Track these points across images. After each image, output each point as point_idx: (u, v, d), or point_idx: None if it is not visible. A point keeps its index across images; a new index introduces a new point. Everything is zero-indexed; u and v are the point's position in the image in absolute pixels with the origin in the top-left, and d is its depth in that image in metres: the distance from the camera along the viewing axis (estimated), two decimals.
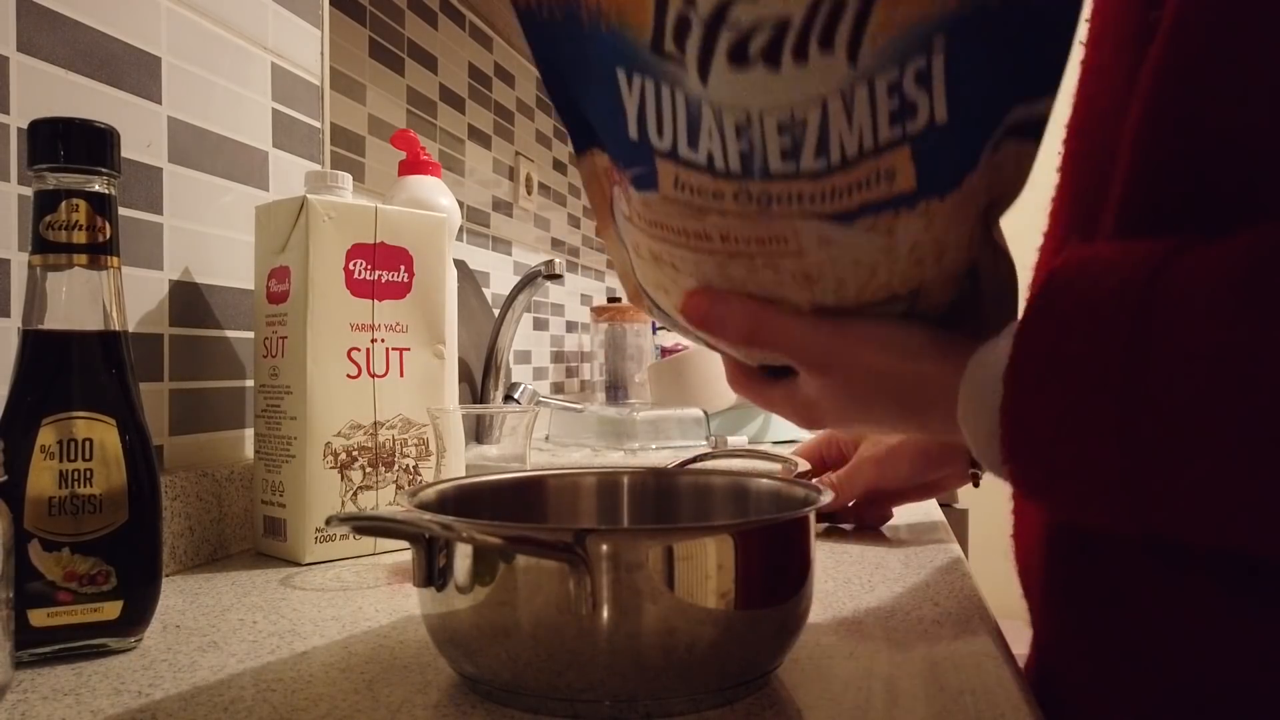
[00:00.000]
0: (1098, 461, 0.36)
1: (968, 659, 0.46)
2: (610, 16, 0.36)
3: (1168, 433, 0.34)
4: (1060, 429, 0.37)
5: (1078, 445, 0.36)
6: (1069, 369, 0.37)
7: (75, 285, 0.47)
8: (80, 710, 0.40)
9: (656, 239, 0.43)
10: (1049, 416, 0.37)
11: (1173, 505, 0.35)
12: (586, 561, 0.37)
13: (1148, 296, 0.35)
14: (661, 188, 0.40)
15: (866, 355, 0.44)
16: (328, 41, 0.87)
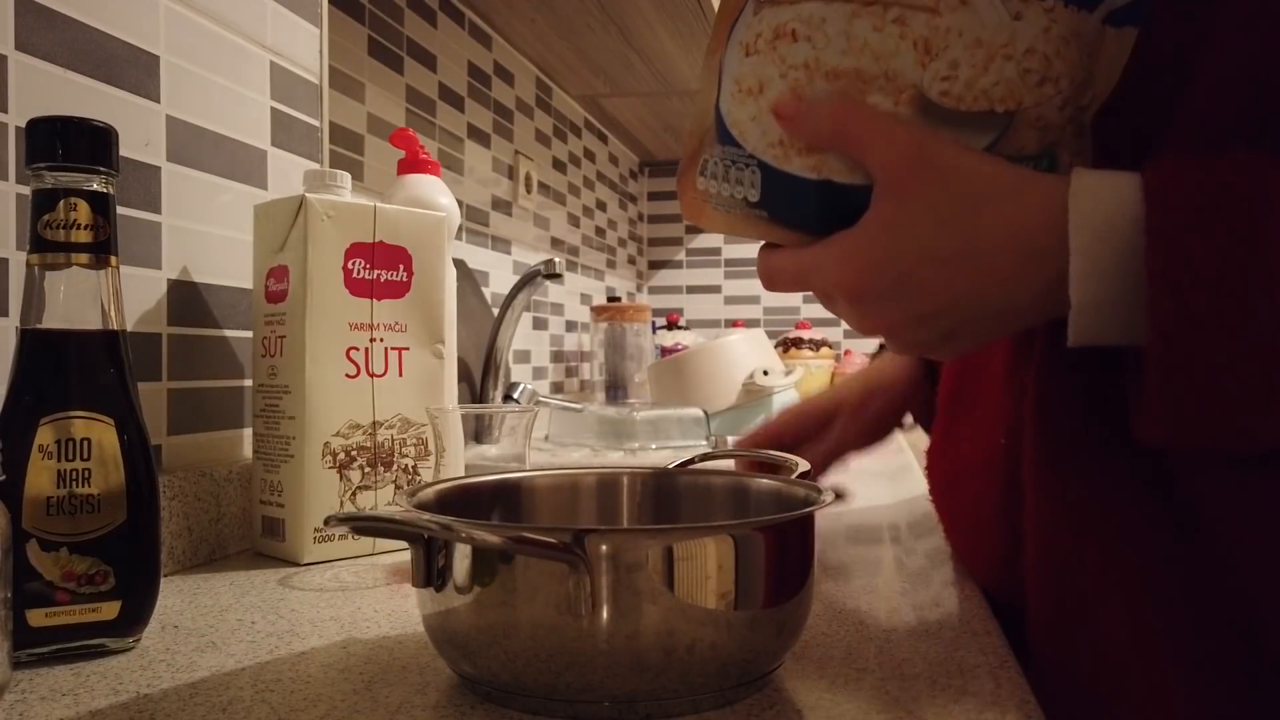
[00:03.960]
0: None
1: (968, 659, 0.46)
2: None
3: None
4: (1228, 259, 0.36)
5: (1250, 276, 0.36)
6: (1238, 200, 0.36)
7: (74, 284, 0.46)
8: (79, 710, 0.40)
9: (794, 1, 0.44)
10: (1215, 246, 0.36)
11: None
12: (586, 562, 0.37)
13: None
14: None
15: (952, 154, 0.42)
16: (327, 40, 0.86)
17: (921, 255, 0.43)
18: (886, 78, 0.43)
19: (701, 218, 0.50)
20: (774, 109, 0.45)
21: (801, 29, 0.44)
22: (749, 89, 0.46)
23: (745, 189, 0.47)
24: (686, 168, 0.50)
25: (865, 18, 0.43)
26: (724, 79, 0.48)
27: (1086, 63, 0.43)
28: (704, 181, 0.49)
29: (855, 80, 0.43)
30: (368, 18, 1.34)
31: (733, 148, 0.47)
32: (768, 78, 0.45)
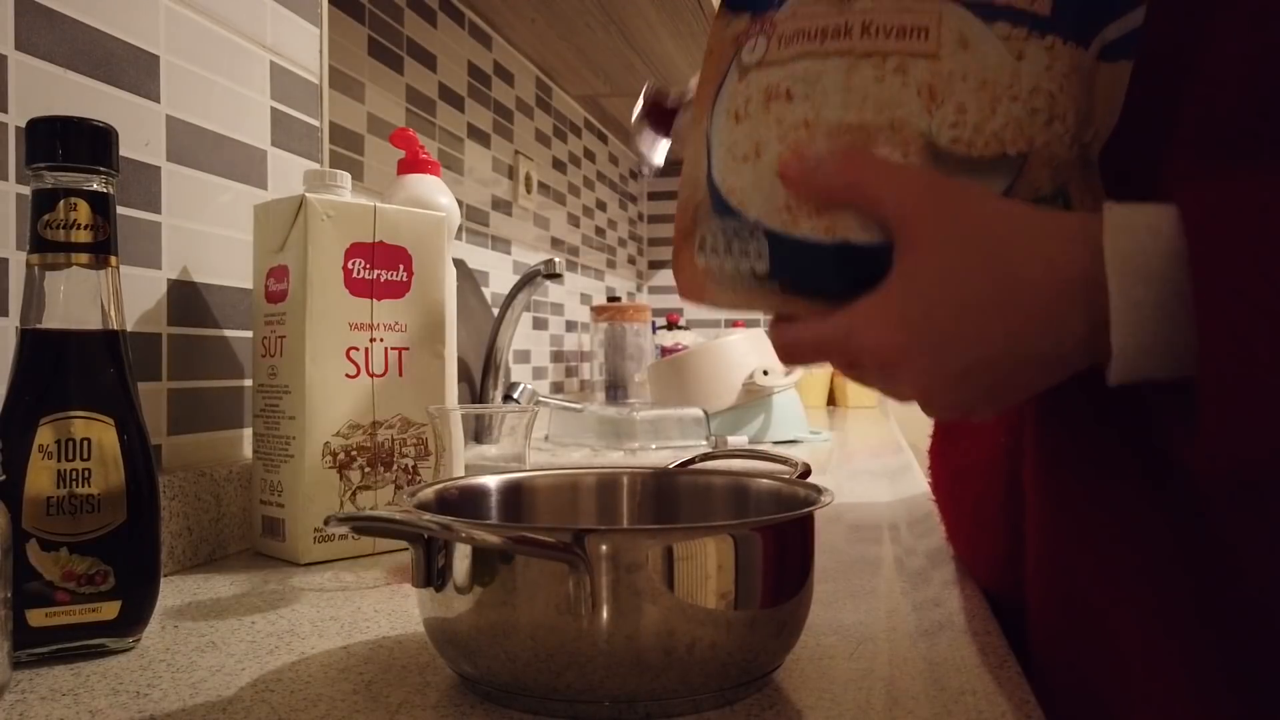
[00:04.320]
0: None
1: (968, 659, 0.46)
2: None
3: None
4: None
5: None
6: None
7: (74, 284, 0.46)
8: (78, 710, 0.40)
9: (783, 61, 0.43)
10: (1263, 274, 0.35)
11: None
12: (586, 562, 0.37)
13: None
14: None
15: (973, 199, 0.40)
16: (326, 40, 0.86)
17: (955, 306, 0.40)
18: (893, 128, 0.41)
19: (705, 296, 0.47)
20: (778, 171, 0.42)
21: (796, 88, 0.42)
22: (744, 155, 0.44)
23: (752, 260, 0.44)
24: (681, 246, 0.47)
25: (864, 69, 0.41)
26: (713, 150, 0.46)
27: (1087, 98, 0.42)
28: (704, 258, 0.46)
29: (860, 134, 0.41)
30: (368, 18, 1.34)
31: (733, 219, 0.44)
32: (764, 141, 0.43)
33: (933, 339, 0.41)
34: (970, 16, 0.40)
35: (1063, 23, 0.41)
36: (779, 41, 0.43)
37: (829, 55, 0.42)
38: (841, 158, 0.41)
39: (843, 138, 0.41)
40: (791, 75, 0.42)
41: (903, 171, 0.41)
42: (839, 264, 0.43)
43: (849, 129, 0.41)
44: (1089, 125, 0.42)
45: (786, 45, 0.43)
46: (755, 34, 0.45)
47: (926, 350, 0.41)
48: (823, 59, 0.42)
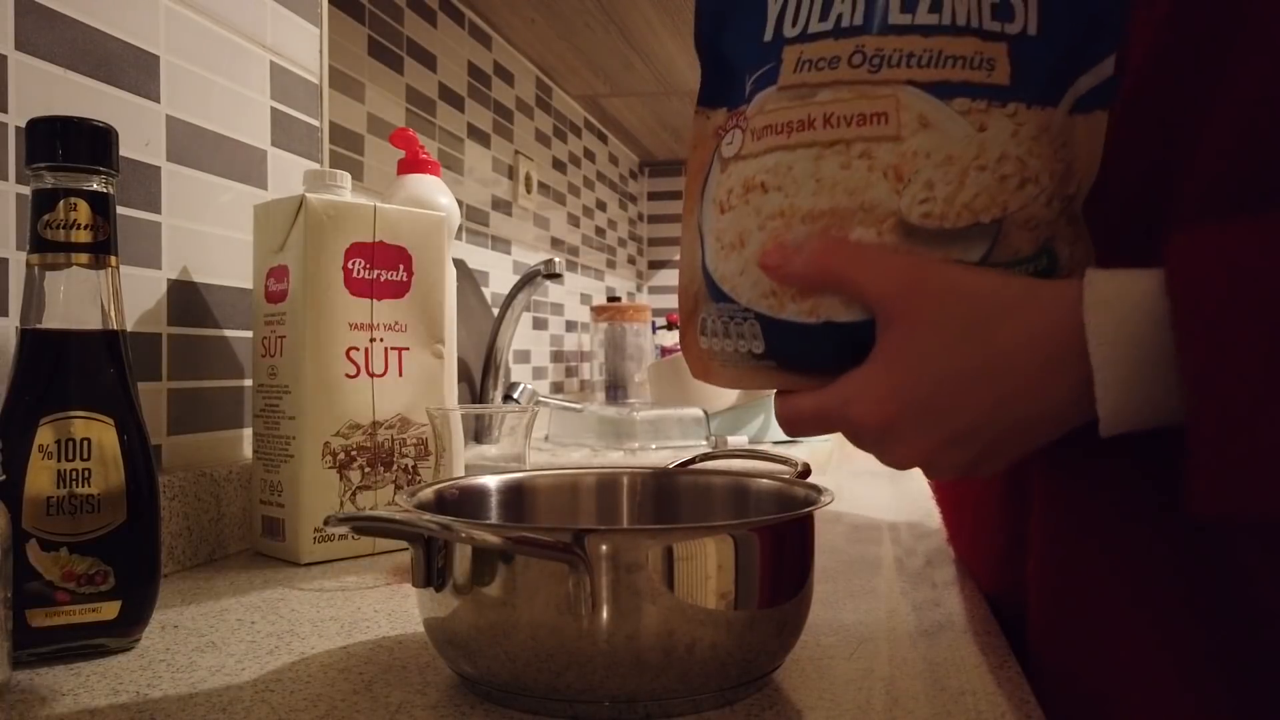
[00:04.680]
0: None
1: (968, 659, 0.46)
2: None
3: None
4: (1266, 351, 0.35)
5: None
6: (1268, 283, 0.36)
7: (74, 284, 0.46)
8: (78, 710, 0.40)
9: (756, 154, 0.45)
10: (1249, 339, 0.36)
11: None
12: (587, 562, 0.37)
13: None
14: (782, 76, 0.44)
15: (948, 274, 0.42)
16: (326, 40, 0.86)
17: (940, 378, 0.42)
18: (864, 210, 0.42)
19: (711, 376, 0.49)
20: (759, 262, 0.44)
21: (770, 179, 0.44)
22: (731, 244, 0.46)
23: (748, 342, 0.46)
24: (686, 328, 0.50)
25: (830, 157, 0.43)
26: (705, 238, 0.48)
27: (1063, 154, 0.42)
28: (706, 340, 0.48)
29: (833, 219, 0.43)
30: (368, 18, 1.34)
31: (727, 304, 0.46)
32: (747, 230, 0.45)
33: (921, 410, 0.42)
34: (927, 96, 0.42)
35: (1024, 88, 0.41)
36: (752, 135, 0.45)
37: (797, 147, 0.43)
38: (815, 247, 0.42)
39: (817, 224, 0.43)
40: (764, 168, 0.44)
41: (875, 255, 0.42)
42: (826, 342, 0.44)
43: (822, 215, 0.43)
44: (1069, 180, 0.43)
45: (758, 139, 0.45)
46: (732, 127, 0.47)
47: (916, 421, 0.42)
48: (791, 151, 0.43)
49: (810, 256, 0.42)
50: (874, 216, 0.42)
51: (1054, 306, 0.40)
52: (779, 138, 0.44)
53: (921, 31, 0.42)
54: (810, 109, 0.43)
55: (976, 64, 0.41)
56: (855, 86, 0.42)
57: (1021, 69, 0.41)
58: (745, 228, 0.45)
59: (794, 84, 0.44)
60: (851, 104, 0.42)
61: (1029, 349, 0.41)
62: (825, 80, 0.43)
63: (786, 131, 0.44)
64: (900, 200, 0.42)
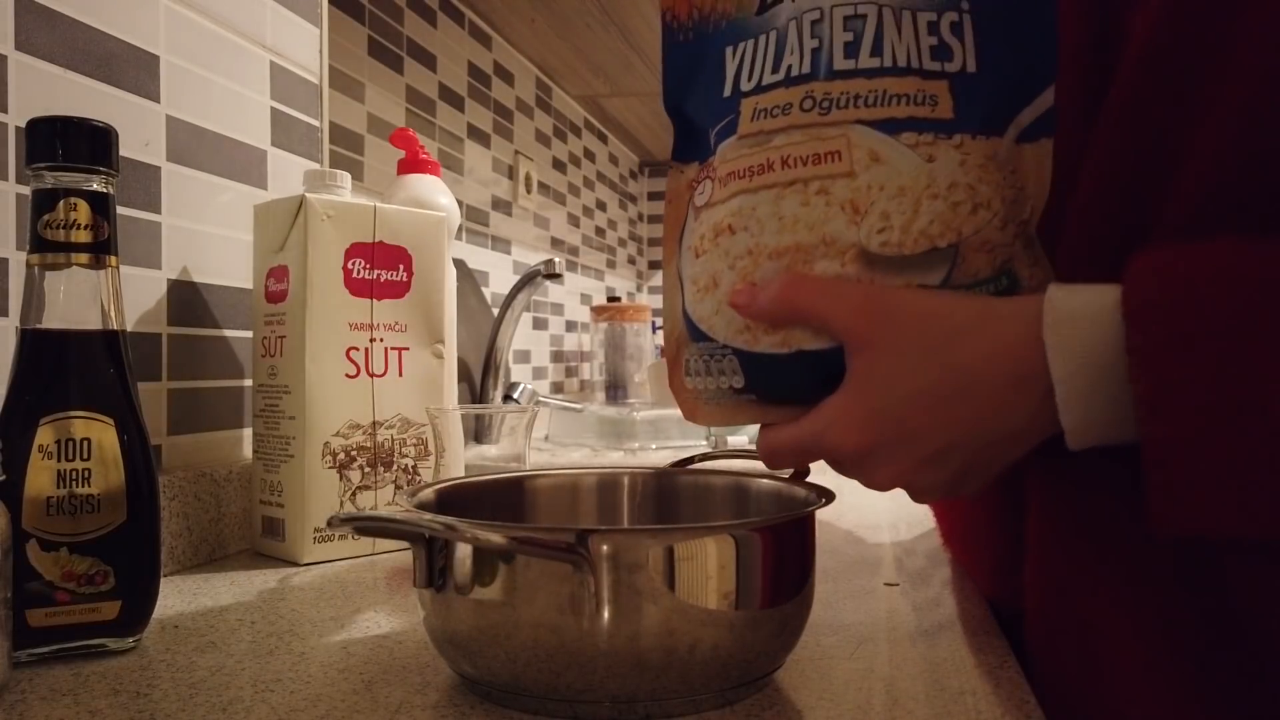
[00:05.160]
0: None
1: (968, 659, 0.46)
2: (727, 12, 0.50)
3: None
4: (1217, 374, 0.36)
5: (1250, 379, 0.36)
6: (1219, 302, 0.37)
7: (74, 284, 0.46)
8: (78, 710, 0.40)
9: (723, 199, 0.48)
10: (1199, 362, 0.37)
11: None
12: (590, 562, 0.37)
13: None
14: (741, 126, 0.48)
15: (906, 297, 0.43)
16: (326, 40, 0.86)
17: (908, 399, 0.43)
18: (825, 244, 0.44)
19: (698, 414, 0.51)
20: (729, 300, 0.47)
21: (736, 221, 0.47)
22: (705, 286, 0.48)
23: (729, 378, 0.48)
24: (672, 371, 0.52)
25: (790, 196, 0.45)
26: (684, 283, 0.50)
27: (1012, 180, 0.44)
28: (691, 380, 0.50)
29: (798, 254, 0.45)
30: (368, 18, 1.34)
31: (706, 343, 0.49)
32: (718, 272, 0.47)
33: (895, 433, 0.43)
34: (876, 133, 0.44)
35: (968, 121, 0.44)
36: (719, 183, 0.48)
37: (759, 189, 0.46)
38: (779, 283, 0.44)
39: (783, 260, 0.45)
40: (730, 211, 0.47)
41: (835, 286, 0.44)
42: (800, 371, 0.46)
43: (787, 251, 0.45)
44: (1022, 204, 0.44)
45: (724, 186, 0.48)
46: (703, 179, 0.50)
47: (892, 443, 0.44)
48: (754, 194, 0.46)
49: (775, 292, 0.44)
50: (835, 249, 0.44)
51: (1014, 322, 0.42)
52: (742, 182, 0.47)
53: (865, 75, 0.45)
54: (768, 153, 0.46)
55: (920, 100, 0.44)
56: (808, 129, 0.45)
57: (963, 103, 0.44)
58: (717, 269, 0.48)
59: (752, 132, 0.47)
60: (805, 145, 0.45)
61: (991, 365, 0.42)
62: (780, 126, 0.46)
63: (748, 175, 0.46)
64: (859, 232, 0.44)
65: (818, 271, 0.45)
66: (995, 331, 0.42)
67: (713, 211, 0.48)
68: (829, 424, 0.45)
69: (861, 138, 0.44)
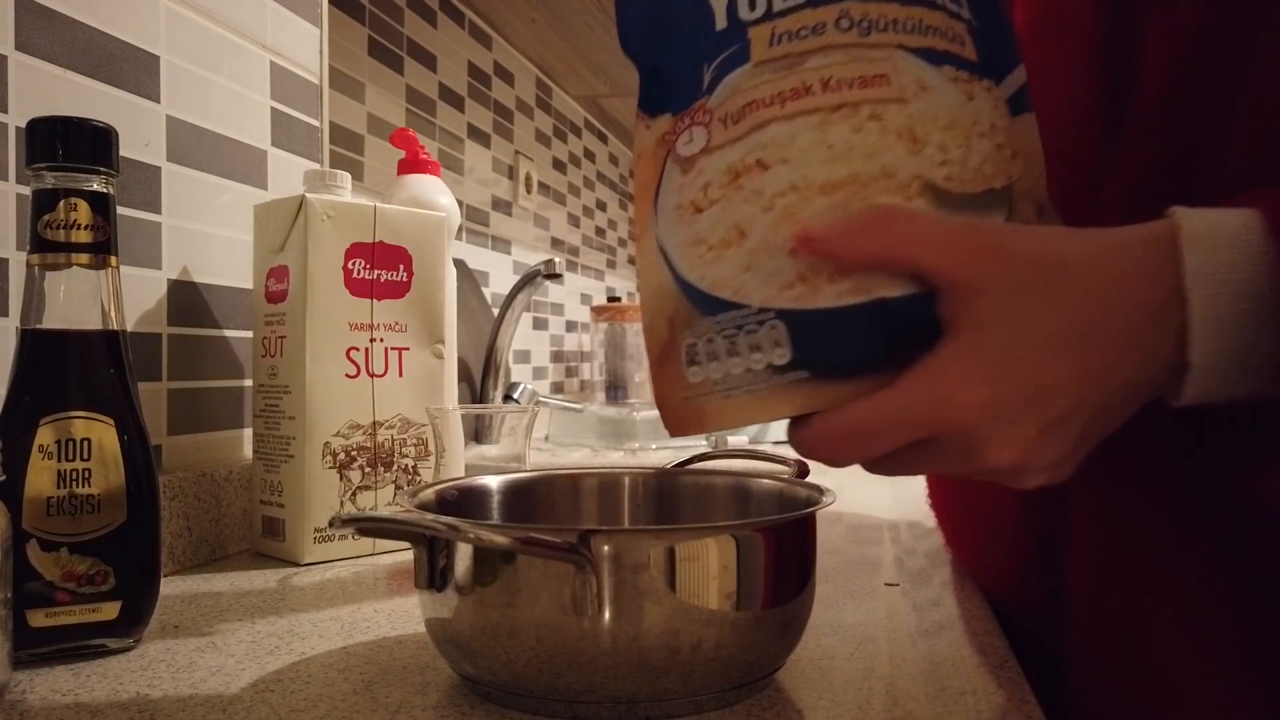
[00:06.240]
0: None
1: (968, 659, 0.46)
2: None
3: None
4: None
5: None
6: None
7: (74, 285, 0.46)
8: (78, 710, 0.40)
9: (739, 136, 0.41)
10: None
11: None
12: (592, 562, 0.37)
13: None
14: (755, 53, 0.41)
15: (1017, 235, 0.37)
16: (327, 40, 0.86)
17: (1036, 349, 0.36)
18: (886, 175, 0.39)
19: (706, 417, 0.41)
20: (798, 240, 0.38)
21: (768, 155, 0.40)
22: (722, 241, 0.40)
23: (767, 352, 0.39)
24: (661, 372, 0.42)
25: (838, 122, 0.39)
26: (673, 252, 0.42)
27: (1020, 168, 0.41)
28: (698, 372, 0.41)
29: (854, 187, 0.39)
30: (368, 18, 1.34)
31: (730, 312, 0.39)
32: (746, 218, 0.40)
33: (1024, 389, 0.36)
34: (920, 61, 0.40)
35: (987, 68, 0.41)
36: (723, 122, 0.41)
37: (795, 116, 0.40)
38: (867, 220, 0.37)
39: (837, 194, 0.39)
40: (757, 146, 0.40)
41: (933, 221, 0.37)
42: (876, 326, 0.38)
43: (842, 184, 0.39)
44: (1034, 168, 0.42)
45: (736, 122, 0.41)
46: (685, 128, 0.43)
47: (1019, 404, 0.36)
48: (789, 121, 0.40)
49: (864, 231, 0.37)
50: (897, 181, 0.38)
51: (1138, 249, 0.37)
52: (769, 110, 0.40)
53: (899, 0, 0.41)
54: (803, 75, 0.40)
55: (950, 37, 0.41)
56: (848, 50, 0.40)
57: (982, 49, 0.41)
58: (742, 216, 0.40)
59: (774, 57, 0.41)
60: (849, 67, 0.39)
61: (1121, 300, 0.37)
62: (813, 47, 0.40)
63: (778, 102, 0.40)
64: (920, 163, 0.39)
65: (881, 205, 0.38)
66: (1118, 263, 0.37)
67: (720, 155, 0.41)
68: (955, 382, 0.36)
69: (907, 64, 0.40)
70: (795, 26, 0.41)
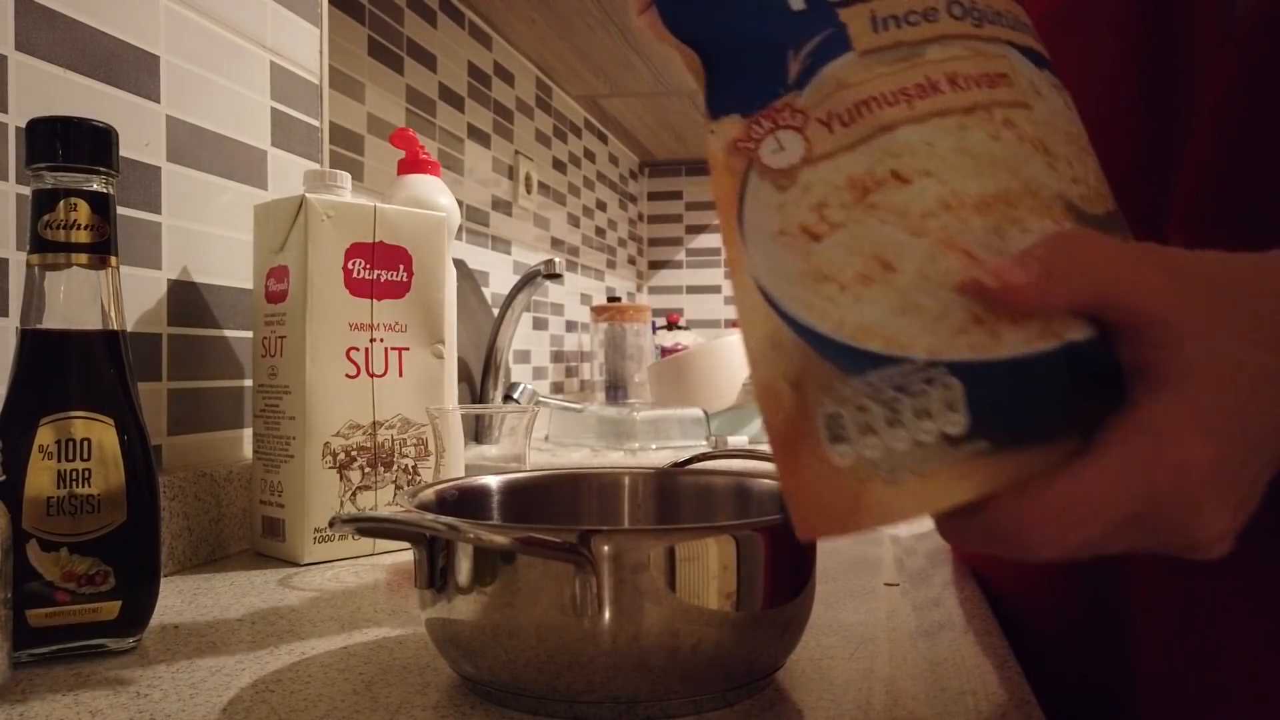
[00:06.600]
0: None
1: (968, 659, 0.46)
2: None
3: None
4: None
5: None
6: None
7: (74, 285, 0.46)
8: (78, 711, 0.40)
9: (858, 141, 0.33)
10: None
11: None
12: (593, 562, 0.37)
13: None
14: (857, 40, 0.33)
15: (1209, 261, 0.32)
16: (326, 40, 0.86)
17: (1256, 387, 0.31)
18: (1030, 193, 0.32)
19: (865, 512, 0.31)
20: (995, 278, 0.30)
21: (907, 165, 0.32)
22: (861, 275, 0.31)
23: (939, 419, 0.30)
24: (792, 457, 0.32)
25: (975, 127, 0.32)
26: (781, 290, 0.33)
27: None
28: (847, 451, 0.31)
29: (1004, 206, 0.32)
30: (368, 18, 1.34)
31: (886, 369, 0.30)
32: (889, 246, 0.31)
33: (1245, 440, 0.31)
34: (1028, 62, 0.34)
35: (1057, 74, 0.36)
36: (831, 124, 0.33)
37: (927, 117, 0.32)
38: (1060, 249, 0.31)
39: (990, 214, 0.31)
40: (886, 153, 0.32)
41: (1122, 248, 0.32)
42: (1063, 377, 0.31)
43: (994, 201, 0.32)
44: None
45: (848, 124, 0.33)
46: (767, 132, 0.34)
47: (1240, 456, 0.31)
48: (921, 124, 0.32)
49: (1066, 259, 0.30)
50: (1041, 201, 0.32)
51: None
52: (895, 109, 0.32)
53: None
54: (926, 69, 0.32)
55: (1035, 37, 0.35)
56: (966, 42, 0.33)
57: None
58: (883, 243, 0.31)
59: (884, 45, 0.33)
60: (971, 61, 0.33)
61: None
62: (928, 35, 0.33)
63: (904, 100, 0.32)
64: (1059, 178, 0.33)
65: (1033, 230, 0.31)
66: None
67: (834, 164, 0.32)
68: (1176, 441, 0.30)
69: (1020, 64, 0.34)
70: (900, 9, 0.33)
